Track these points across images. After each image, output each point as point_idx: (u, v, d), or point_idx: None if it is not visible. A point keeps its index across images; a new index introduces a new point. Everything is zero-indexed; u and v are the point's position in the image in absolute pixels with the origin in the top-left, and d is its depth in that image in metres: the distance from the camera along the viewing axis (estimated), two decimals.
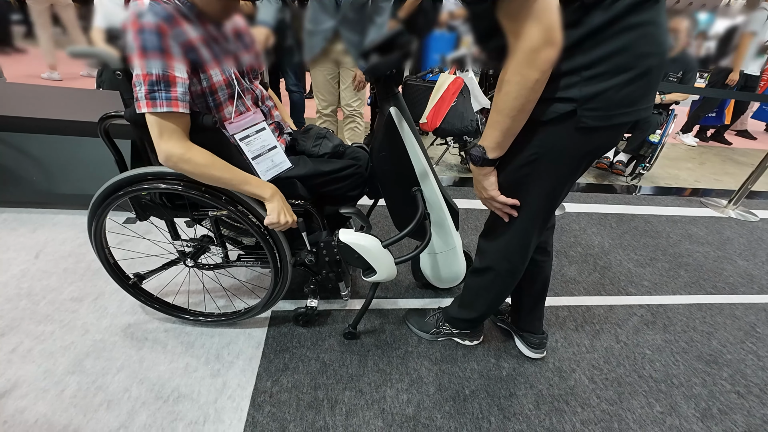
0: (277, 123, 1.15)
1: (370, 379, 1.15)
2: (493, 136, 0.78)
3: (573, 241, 2.01)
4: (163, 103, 0.79)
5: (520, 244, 0.99)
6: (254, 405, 1.04)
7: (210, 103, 0.93)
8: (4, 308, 1.24)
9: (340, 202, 1.20)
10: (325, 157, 1.19)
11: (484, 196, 0.92)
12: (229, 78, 0.94)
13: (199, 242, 1.22)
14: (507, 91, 0.71)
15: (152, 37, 0.76)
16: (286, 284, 1.16)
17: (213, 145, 0.92)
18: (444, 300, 1.50)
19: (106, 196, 1.00)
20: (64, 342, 1.15)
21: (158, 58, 0.77)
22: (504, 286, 1.10)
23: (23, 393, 1.01)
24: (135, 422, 0.97)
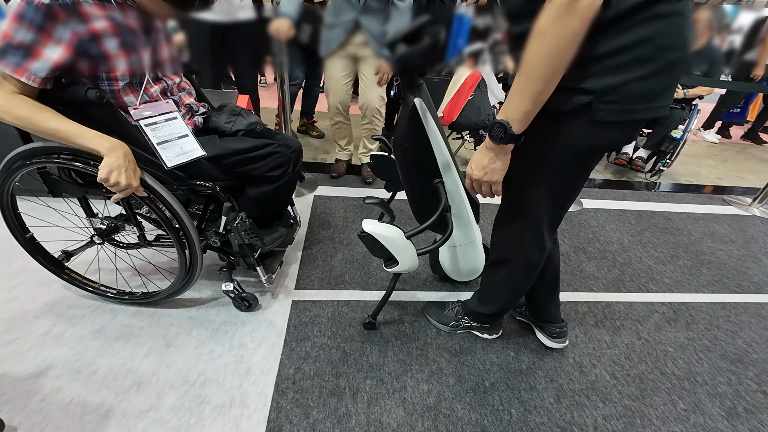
0: (188, 106, 1.15)
1: (391, 369, 1.16)
2: (521, 104, 0.69)
3: (591, 237, 1.99)
4: (9, 65, 0.81)
5: (534, 238, 0.98)
6: (278, 391, 1.06)
7: (104, 86, 0.95)
8: (38, 292, 1.28)
9: (262, 182, 1.17)
10: (239, 134, 1.17)
11: (483, 179, 0.81)
12: (133, 69, 0.97)
13: (113, 221, 1.21)
14: (541, 46, 0.62)
15: (35, 12, 0.79)
16: (197, 266, 1.14)
17: (109, 122, 0.95)
18: (462, 293, 1.50)
19: (5, 170, 1.01)
20: (94, 326, 1.19)
21: (30, 32, 0.80)
22: (522, 280, 1.09)
23: (58, 373, 1.04)
24: (164, 404, 1.00)
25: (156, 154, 0.99)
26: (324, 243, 1.70)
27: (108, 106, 0.94)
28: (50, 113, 0.87)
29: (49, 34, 0.82)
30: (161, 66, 1.06)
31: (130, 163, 0.92)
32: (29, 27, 0.80)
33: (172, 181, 1.07)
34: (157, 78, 1.05)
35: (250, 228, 1.15)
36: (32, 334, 1.14)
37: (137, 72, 0.98)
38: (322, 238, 1.73)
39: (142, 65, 0.99)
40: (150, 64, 1.01)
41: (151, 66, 1.02)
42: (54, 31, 0.82)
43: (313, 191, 2.12)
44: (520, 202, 0.89)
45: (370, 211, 1.99)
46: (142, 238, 1.22)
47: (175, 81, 1.12)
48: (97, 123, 0.93)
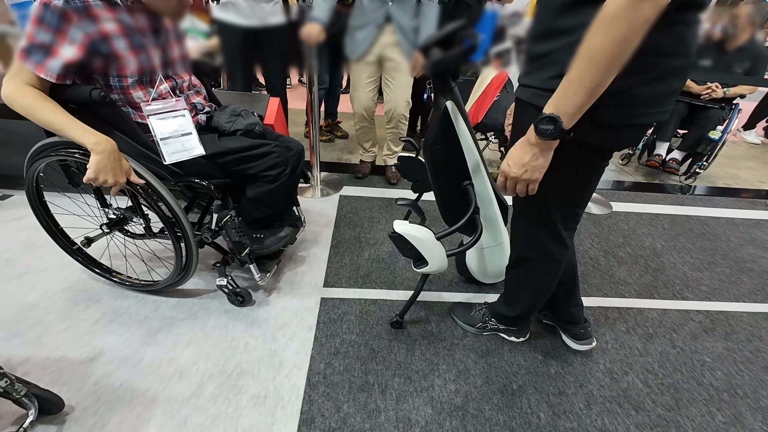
0: (193, 105, 1.20)
1: (418, 367, 1.18)
2: (577, 97, 0.64)
3: (622, 242, 1.93)
4: (32, 63, 0.90)
5: (550, 234, 0.97)
6: (310, 384, 1.10)
7: (114, 84, 1.01)
8: (89, 283, 1.38)
9: (259, 182, 1.20)
10: (237, 134, 1.21)
11: (521, 177, 0.77)
12: (143, 67, 1.03)
13: (122, 212, 1.28)
14: (609, 33, 0.58)
15: (51, 15, 0.87)
16: (192, 260, 1.19)
17: (113, 119, 1.02)
18: (488, 295, 1.50)
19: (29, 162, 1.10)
20: (139, 316, 1.27)
21: (49, 33, 0.88)
22: (545, 278, 1.08)
23: (108, 360, 1.12)
24: (204, 392, 1.05)
25: (156, 149, 1.06)
26: (350, 242, 1.74)
27: (111, 104, 1.01)
28: (50, 106, 0.94)
29: (64, 35, 0.90)
30: (171, 65, 1.13)
31: (116, 160, 0.97)
32: (47, 28, 0.88)
33: (170, 177, 1.12)
34: (167, 76, 1.12)
35: (239, 227, 1.19)
36: (85, 322, 1.23)
37: (146, 70, 1.04)
38: (348, 238, 1.77)
39: (152, 64, 1.05)
40: (160, 63, 1.08)
41: (161, 65, 1.09)
42: (68, 32, 0.90)
43: (339, 191, 2.17)
44: (530, 200, 0.87)
45: (395, 212, 2.01)
46: (148, 230, 1.29)
47: (184, 79, 1.18)
48: (102, 120, 1.01)
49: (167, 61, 1.11)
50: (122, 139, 1.07)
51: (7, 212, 1.70)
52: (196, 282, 1.43)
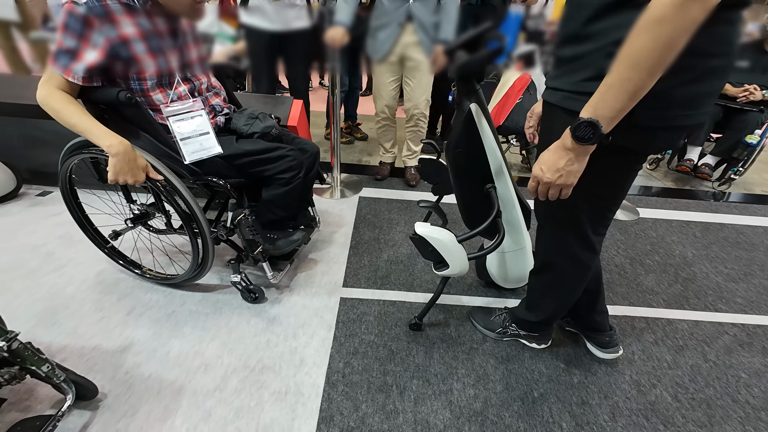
0: (212, 107, 1.24)
1: (437, 370, 1.18)
2: (617, 100, 0.62)
3: (649, 249, 1.86)
4: (60, 66, 0.96)
5: (578, 239, 0.95)
6: (329, 383, 1.11)
7: (135, 87, 1.06)
8: (120, 276, 1.44)
9: (273, 184, 1.23)
10: (254, 136, 1.24)
11: (555, 182, 0.75)
12: (161, 70, 1.07)
13: (147, 208, 1.34)
14: (655, 35, 0.56)
15: (76, 22, 0.93)
16: (209, 257, 1.24)
17: (138, 120, 1.08)
18: (508, 300, 1.48)
19: (63, 159, 1.20)
20: (167, 310, 1.32)
21: (74, 39, 0.95)
22: (571, 284, 1.05)
23: (138, 350, 1.17)
24: (228, 386, 1.08)
25: (177, 149, 1.11)
26: (370, 243, 1.75)
27: (137, 105, 1.06)
28: (75, 109, 1.00)
29: (87, 39, 0.96)
30: (189, 67, 1.17)
31: (131, 160, 1.03)
32: (72, 34, 0.94)
33: (189, 176, 1.17)
34: (185, 78, 1.16)
35: (253, 225, 1.22)
36: (117, 314, 1.29)
37: (164, 73, 1.09)
38: (367, 239, 1.78)
39: (169, 66, 1.10)
40: (178, 66, 1.12)
41: (179, 67, 1.13)
42: (91, 37, 0.96)
43: (358, 193, 2.18)
44: (558, 203, 0.84)
45: (414, 214, 2.01)
46: (168, 225, 1.35)
47: (202, 81, 1.22)
48: (128, 120, 1.08)
49: (185, 64, 1.15)
50: (147, 138, 1.13)
51: (47, 208, 1.81)
52: (221, 278, 1.47)
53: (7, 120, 1.89)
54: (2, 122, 1.88)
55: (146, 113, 1.10)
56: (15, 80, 2.25)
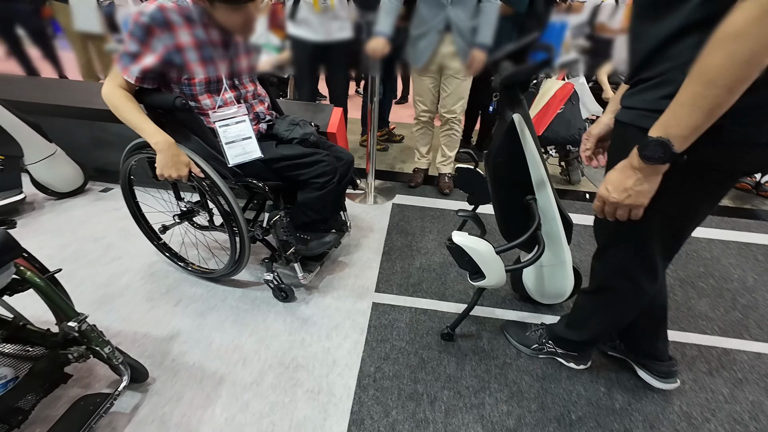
0: (256, 114, 1.32)
1: (468, 383, 1.16)
2: (692, 119, 0.59)
3: (702, 272, 1.73)
4: (120, 66, 1.09)
5: (644, 264, 0.89)
6: (360, 386, 1.13)
7: (185, 91, 1.16)
8: (169, 269, 1.55)
9: (308, 188, 1.28)
10: (293, 142, 1.30)
11: (623, 203, 0.71)
12: (209, 77, 1.16)
13: (192, 205, 1.42)
14: (734, 50, 0.53)
15: (140, 30, 1.04)
16: (245, 254, 1.30)
17: (190, 123, 1.19)
18: (544, 316, 1.43)
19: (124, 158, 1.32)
20: (209, 304, 1.40)
21: (136, 44, 1.06)
22: (625, 309, 1.00)
23: (183, 340, 1.25)
24: (264, 381, 1.13)
25: (222, 152, 1.19)
26: (402, 250, 1.76)
27: (190, 111, 1.16)
28: (131, 106, 1.11)
29: (147, 45, 1.06)
30: (237, 75, 1.25)
31: (174, 156, 1.12)
32: (136, 40, 1.06)
33: (231, 177, 1.24)
34: (233, 86, 1.24)
35: (287, 227, 1.28)
36: (166, 304, 1.38)
37: (212, 80, 1.17)
38: (400, 245, 1.79)
39: (218, 74, 1.18)
40: (226, 74, 1.20)
41: (228, 75, 1.21)
42: (151, 43, 1.06)
43: (391, 199, 2.21)
44: (627, 225, 0.80)
45: (447, 222, 2.00)
46: (210, 222, 1.44)
47: (249, 89, 1.30)
48: (181, 123, 1.18)
49: (233, 72, 1.23)
50: (197, 141, 1.22)
51: (109, 203, 1.98)
52: (258, 277, 1.54)
53: (79, 122, 2.10)
54: (74, 124, 2.09)
55: (197, 118, 1.19)
56: (86, 87, 2.49)
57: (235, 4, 1.06)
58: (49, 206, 1.91)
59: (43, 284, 0.85)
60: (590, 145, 1.01)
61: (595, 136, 1.00)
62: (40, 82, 2.57)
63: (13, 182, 1.80)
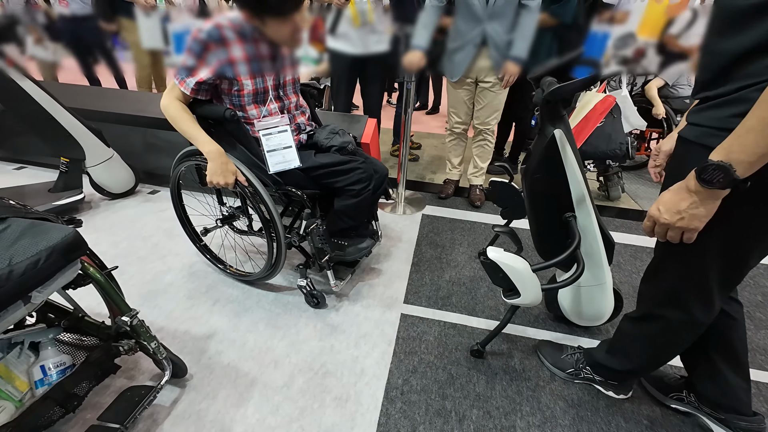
0: (297, 125, 1.37)
1: (499, 403, 1.12)
2: (759, 144, 0.56)
3: (760, 301, 1.59)
4: (178, 78, 1.17)
5: (698, 293, 0.83)
6: (387, 398, 1.12)
7: (234, 101, 1.23)
8: (208, 270, 1.63)
9: (344, 195, 1.32)
10: (332, 150, 1.34)
11: (675, 225, 0.69)
12: (257, 89, 1.22)
13: (234, 210, 1.49)
14: None
15: (198, 46, 1.13)
16: (281, 258, 1.35)
17: (237, 133, 1.26)
18: (580, 338, 1.37)
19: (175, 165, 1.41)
20: (244, 305, 1.45)
21: (193, 59, 1.14)
22: (675, 340, 0.93)
23: (220, 339, 1.30)
24: (295, 384, 1.15)
25: (264, 161, 1.25)
26: (431, 262, 1.75)
27: (238, 122, 1.23)
28: (188, 117, 1.20)
29: (203, 60, 1.14)
30: (282, 87, 1.31)
31: (223, 164, 1.19)
32: (193, 55, 1.14)
33: (273, 185, 1.30)
34: (278, 96, 1.30)
35: (323, 235, 1.30)
36: (205, 303, 1.45)
37: (260, 91, 1.24)
38: (429, 257, 1.78)
39: (265, 86, 1.25)
40: (272, 86, 1.27)
41: (274, 87, 1.27)
42: (206, 58, 1.14)
43: (421, 210, 2.20)
44: (684, 249, 0.75)
45: (478, 235, 1.97)
46: (249, 227, 1.51)
47: (292, 101, 1.36)
48: (228, 133, 1.26)
49: (279, 84, 1.30)
50: (242, 150, 1.29)
51: (155, 204, 2.12)
52: (290, 282, 1.58)
53: (133, 129, 2.27)
54: (129, 131, 2.26)
55: (244, 128, 1.26)
56: (141, 96, 2.70)
57: (283, 16, 1.12)
58: (104, 206, 2.07)
59: (102, 280, 0.93)
60: (660, 161, 0.96)
61: (666, 152, 0.94)
62: (102, 91, 2.81)
63: (75, 183, 1.97)
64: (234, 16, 1.15)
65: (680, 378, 1.14)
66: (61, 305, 1.07)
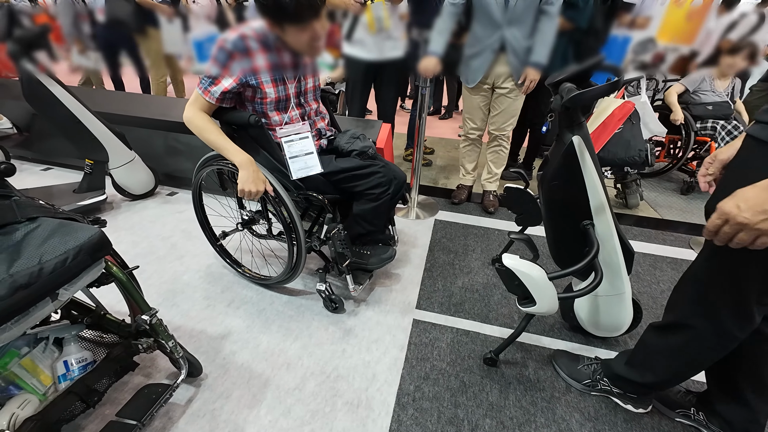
0: (318, 130, 1.39)
1: (512, 413, 1.10)
2: None
3: None
4: (201, 88, 1.19)
5: (734, 305, 0.79)
6: (399, 404, 1.12)
7: (257, 109, 1.25)
8: (224, 271, 1.66)
9: (363, 200, 1.33)
10: (352, 154, 1.34)
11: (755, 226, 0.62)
12: (279, 96, 1.24)
13: (254, 214, 1.51)
14: None
15: (223, 55, 1.14)
16: (301, 263, 1.36)
17: (259, 139, 1.27)
18: (597, 350, 1.34)
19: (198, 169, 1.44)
20: (258, 307, 1.47)
21: (218, 68, 1.16)
22: (703, 353, 0.89)
23: (234, 339, 1.32)
24: (306, 387, 1.16)
25: (286, 166, 1.27)
26: (444, 267, 1.74)
27: (261, 127, 1.25)
28: (213, 129, 1.22)
29: (227, 69, 1.16)
30: (303, 94, 1.32)
31: (255, 172, 1.21)
32: (218, 64, 1.15)
33: (294, 190, 1.31)
34: (299, 103, 1.32)
35: (344, 240, 1.31)
36: (220, 304, 1.47)
37: (282, 98, 1.25)
38: (442, 263, 1.77)
39: (287, 93, 1.26)
40: (294, 93, 1.28)
41: (295, 94, 1.29)
42: (230, 67, 1.16)
43: (434, 215, 2.20)
44: (724, 255, 0.70)
45: (491, 241, 1.95)
46: (269, 231, 1.53)
47: (312, 107, 1.37)
48: (252, 138, 1.28)
49: (300, 92, 1.31)
50: (264, 155, 1.31)
51: (174, 206, 2.17)
52: (305, 284, 1.59)
53: (154, 132, 2.34)
54: (151, 134, 2.33)
55: (267, 133, 1.28)
56: (162, 101, 2.79)
57: (302, 24, 1.12)
58: (125, 207, 2.13)
59: (125, 279, 0.95)
60: (714, 170, 0.89)
61: (722, 161, 0.88)
62: (125, 96, 2.92)
63: (99, 184, 2.04)
64: (258, 26, 1.18)
65: (687, 393, 1.10)
66: (85, 303, 1.10)
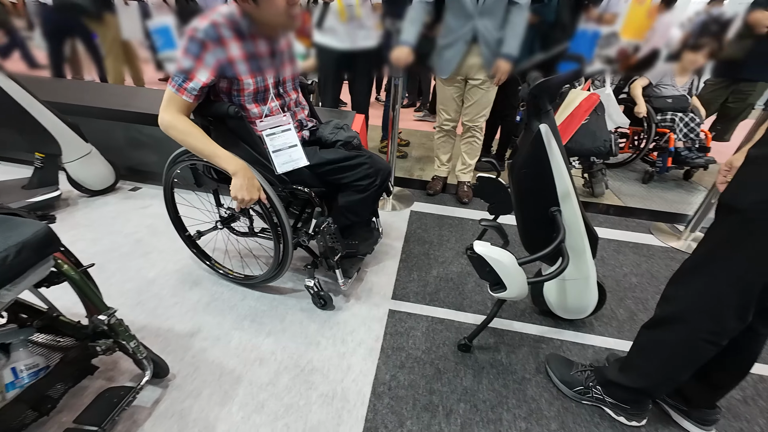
0: (299, 121, 1.33)
1: (485, 396, 1.13)
2: None
3: None
4: (175, 86, 1.08)
5: (735, 301, 0.76)
6: (375, 393, 1.12)
7: (234, 101, 1.17)
8: (193, 268, 1.59)
9: (350, 191, 1.29)
10: (337, 144, 1.31)
11: None
12: (258, 87, 1.17)
13: (233, 212, 1.44)
14: None
15: (195, 46, 1.05)
16: (288, 259, 1.31)
17: (240, 131, 1.19)
18: (565, 332, 1.39)
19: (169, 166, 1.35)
20: (229, 303, 1.42)
21: (190, 60, 1.06)
22: (698, 350, 0.86)
23: (204, 336, 1.27)
24: (280, 382, 1.14)
25: (270, 160, 1.20)
26: (419, 258, 1.75)
27: (241, 119, 1.17)
28: (198, 134, 1.12)
29: (201, 61, 1.07)
30: (282, 84, 1.26)
31: (250, 179, 1.13)
32: (190, 57, 1.05)
33: (279, 184, 1.26)
34: (278, 94, 1.26)
35: (334, 233, 1.27)
36: (189, 301, 1.41)
37: (260, 89, 1.19)
38: (417, 253, 1.78)
39: (266, 84, 1.20)
40: (273, 83, 1.22)
41: (274, 84, 1.23)
42: (204, 59, 1.07)
43: (410, 206, 2.20)
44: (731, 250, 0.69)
45: (465, 231, 1.98)
46: (251, 229, 1.46)
47: (292, 97, 1.32)
48: (231, 131, 1.19)
49: (279, 81, 1.26)
50: (245, 148, 1.24)
51: (137, 201, 2.06)
52: (281, 279, 1.55)
53: (114, 124, 2.20)
54: (111, 126, 2.19)
55: (247, 125, 1.20)
56: (122, 90, 2.62)
57: None
58: (83, 203, 2.00)
59: (77, 278, 0.89)
60: (731, 177, 0.87)
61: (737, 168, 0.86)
62: (80, 85, 2.72)
63: (51, 179, 1.90)
64: (228, 11, 1.09)
65: None
66: (34, 305, 1.03)
